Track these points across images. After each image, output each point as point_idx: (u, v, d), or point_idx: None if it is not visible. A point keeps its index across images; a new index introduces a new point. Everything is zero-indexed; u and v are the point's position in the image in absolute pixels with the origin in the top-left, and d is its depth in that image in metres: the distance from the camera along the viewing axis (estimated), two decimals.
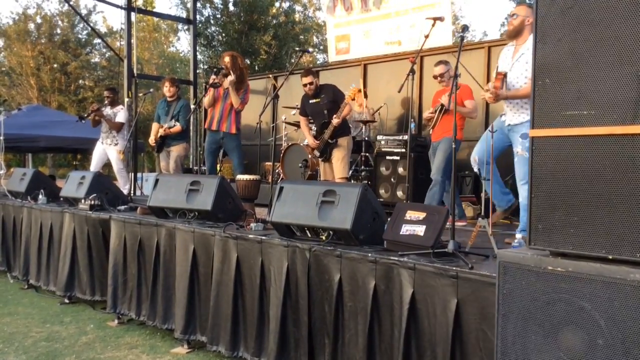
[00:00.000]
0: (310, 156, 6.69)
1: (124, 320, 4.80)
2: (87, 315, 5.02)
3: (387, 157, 6.60)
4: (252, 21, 21.95)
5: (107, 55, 27.42)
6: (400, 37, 8.58)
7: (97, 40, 26.88)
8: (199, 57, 18.33)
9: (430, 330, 2.76)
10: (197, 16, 13.69)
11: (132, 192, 7.01)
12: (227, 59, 5.95)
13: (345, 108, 5.70)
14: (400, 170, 6.41)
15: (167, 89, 6.75)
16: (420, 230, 3.08)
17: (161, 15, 20.81)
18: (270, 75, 9.83)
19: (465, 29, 3.86)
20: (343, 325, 3.18)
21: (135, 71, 10.01)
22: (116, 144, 7.42)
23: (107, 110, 7.54)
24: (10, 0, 44.09)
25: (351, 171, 6.54)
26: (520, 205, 4.04)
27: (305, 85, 5.89)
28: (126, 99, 9.41)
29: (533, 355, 2.09)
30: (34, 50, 26.07)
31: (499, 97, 4.00)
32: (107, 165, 7.96)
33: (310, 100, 5.98)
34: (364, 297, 3.05)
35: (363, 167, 6.69)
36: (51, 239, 5.69)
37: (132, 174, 7.54)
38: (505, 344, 2.19)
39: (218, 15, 22.61)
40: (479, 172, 4.22)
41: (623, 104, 1.94)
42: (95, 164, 7.58)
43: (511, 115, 4.09)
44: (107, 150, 7.52)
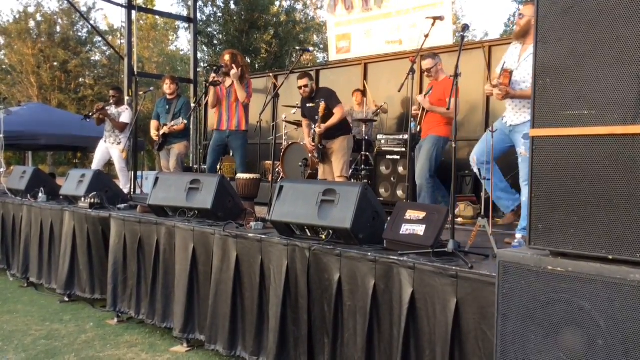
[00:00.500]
0: (310, 155, 6.69)
1: (123, 318, 4.81)
2: (86, 313, 5.02)
3: (387, 157, 6.60)
4: (252, 20, 21.96)
5: (107, 53, 27.42)
6: (401, 37, 8.58)
7: (98, 38, 26.88)
8: (199, 55, 18.34)
9: (429, 329, 2.76)
10: (198, 14, 13.68)
11: (132, 190, 7.01)
12: (227, 57, 5.94)
13: (334, 118, 5.70)
14: (401, 169, 6.41)
15: (168, 86, 6.75)
16: (420, 229, 3.08)
17: (162, 14, 20.82)
18: (271, 74, 9.83)
19: (465, 28, 3.83)
20: (342, 324, 3.18)
21: (135, 69, 10.01)
22: (119, 143, 7.43)
23: (112, 110, 7.55)
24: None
25: (351, 170, 6.54)
26: (523, 204, 4.02)
27: (300, 87, 5.90)
28: (126, 97, 9.41)
29: (533, 355, 2.09)
30: (34, 48, 26.06)
31: (508, 95, 3.92)
32: (108, 163, 7.96)
33: (307, 104, 5.98)
34: (364, 297, 3.04)
35: (363, 167, 6.70)
36: (51, 237, 5.69)
37: (132, 172, 7.55)
38: (505, 343, 2.18)
39: (219, 14, 22.62)
40: (479, 172, 4.20)
41: (624, 103, 1.94)
42: (97, 162, 7.60)
43: (512, 116, 4.05)
44: (110, 149, 7.52)
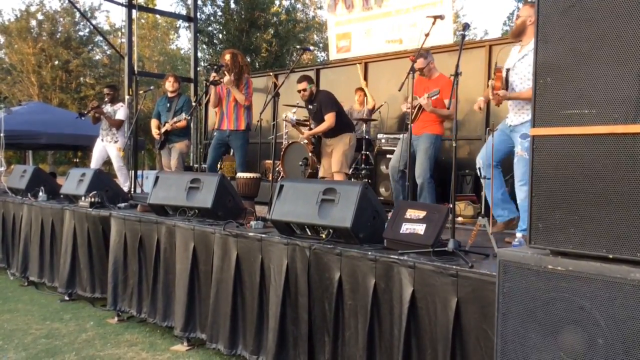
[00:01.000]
0: (310, 154, 6.68)
1: (123, 317, 4.81)
2: (87, 312, 5.03)
3: (388, 156, 6.59)
4: (253, 19, 21.93)
5: (108, 52, 27.41)
6: (402, 36, 8.57)
7: (99, 37, 26.86)
8: (199, 54, 18.32)
9: (430, 329, 2.76)
10: (198, 14, 13.67)
11: (133, 189, 7.01)
12: (227, 57, 5.94)
13: (323, 125, 5.76)
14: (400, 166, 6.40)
15: (171, 84, 6.79)
16: (420, 228, 3.08)
17: (162, 13, 20.78)
18: (271, 73, 9.82)
19: (466, 27, 3.82)
20: (343, 323, 3.18)
21: (136, 68, 10.00)
22: (116, 142, 7.43)
23: (107, 108, 7.55)
24: None
25: (351, 169, 6.54)
26: (520, 205, 4.01)
27: (299, 90, 5.95)
28: (127, 97, 9.40)
29: (533, 354, 2.09)
30: (35, 47, 26.06)
31: (502, 99, 3.90)
32: (107, 162, 7.96)
33: (308, 105, 6.07)
34: (364, 296, 3.04)
35: (363, 166, 6.69)
36: (52, 236, 5.69)
37: (132, 171, 7.54)
38: (505, 342, 2.18)
39: (219, 13, 22.60)
40: (479, 171, 4.19)
41: (624, 103, 1.94)
42: (95, 161, 7.59)
43: (512, 116, 4.05)
44: (107, 148, 7.52)
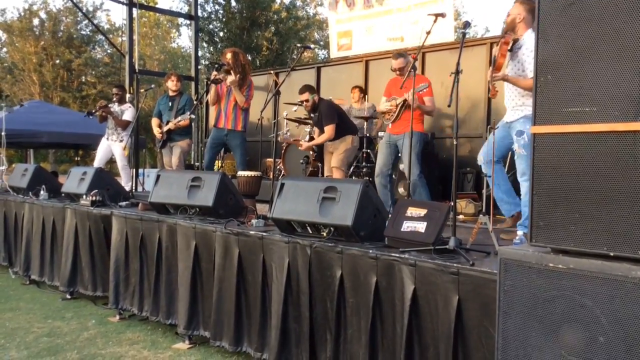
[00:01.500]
0: (311, 153, 6.69)
1: (125, 316, 4.82)
2: (88, 310, 5.04)
3: None
4: (254, 17, 21.93)
5: (109, 51, 27.41)
6: (403, 34, 8.56)
7: (100, 36, 26.86)
8: (200, 53, 18.30)
9: (432, 326, 2.76)
10: (199, 12, 13.66)
11: (134, 188, 7.02)
12: (228, 56, 5.94)
13: (322, 136, 5.90)
14: (401, 166, 6.39)
15: (174, 83, 6.82)
16: (421, 226, 3.08)
17: (163, 11, 20.76)
18: (272, 72, 9.81)
19: (467, 25, 3.82)
20: (345, 321, 3.18)
21: (137, 67, 10.00)
22: (121, 141, 7.45)
23: (115, 107, 7.58)
24: None
25: (352, 168, 6.54)
26: (522, 200, 4.02)
27: (301, 101, 6.07)
28: (128, 95, 9.41)
29: (534, 352, 2.09)
30: (37, 46, 26.07)
31: (501, 79, 3.87)
32: (109, 161, 7.98)
33: (311, 114, 6.21)
34: (366, 294, 3.04)
35: (364, 164, 6.69)
36: (53, 235, 5.70)
37: (134, 170, 7.56)
38: (507, 340, 2.18)
39: (220, 11, 22.60)
40: (482, 167, 4.19)
41: (624, 100, 1.93)
42: (99, 160, 7.62)
43: (509, 112, 4.06)
44: (112, 147, 7.55)
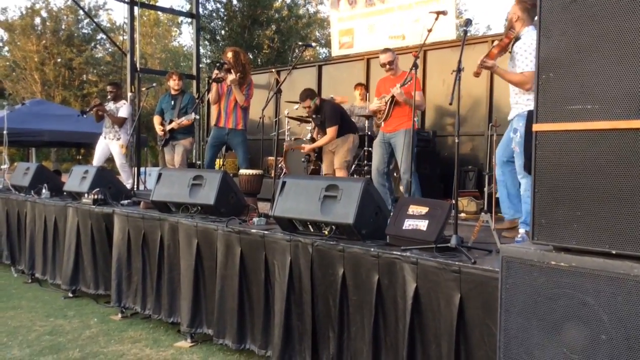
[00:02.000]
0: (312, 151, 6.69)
1: (127, 314, 4.82)
2: (90, 309, 5.04)
3: None
4: (255, 16, 21.92)
5: (110, 50, 27.42)
6: (404, 32, 8.56)
7: (102, 35, 26.90)
8: (202, 51, 18.29)
9: (434, 324, 2.76)
10: (201, 10, 13.67)
11: (136, 186, 7.02)
12: (229, 55, 5.94)
13: (324, 138, 5.97)
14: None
15: (176, 82, 6.83)
16: (422, 224, 3.08)
17: (164, 10, 20.79)
18: (273, 70, 9.80)
19: (468, 23, 3.82)
20: (349, 318, 3.19)
21: (138, 66, 10.00)
22: (119, 139, 7.44)
23: (110, 105, 7.58)
24: None
25: (354, 166, 6.54)
26: (522, 197, 4.02)
27: (304, 107, 6.13)
28: (129, 94, 9.41)
29: (536, 350, 2.09)
30: (39, 44, 26.08)
31: (488, 69, 3.85)
32: (109, 159, 7.98)
33: (313, 116, 6.26)
34: (368, 291, 3.05)
35: (366, 162, 6.69)
36: (55, 233, 5.71)
37: (135, 168, 7.56)
38: (508, 338, 2.18)
39: (221, 10, 22.59)
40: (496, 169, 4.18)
41: (627, 98, 1.93)
42: (97, 159, 7.61)
43: (511, 111, 4.07)
44: (110, 145, 7.54)
